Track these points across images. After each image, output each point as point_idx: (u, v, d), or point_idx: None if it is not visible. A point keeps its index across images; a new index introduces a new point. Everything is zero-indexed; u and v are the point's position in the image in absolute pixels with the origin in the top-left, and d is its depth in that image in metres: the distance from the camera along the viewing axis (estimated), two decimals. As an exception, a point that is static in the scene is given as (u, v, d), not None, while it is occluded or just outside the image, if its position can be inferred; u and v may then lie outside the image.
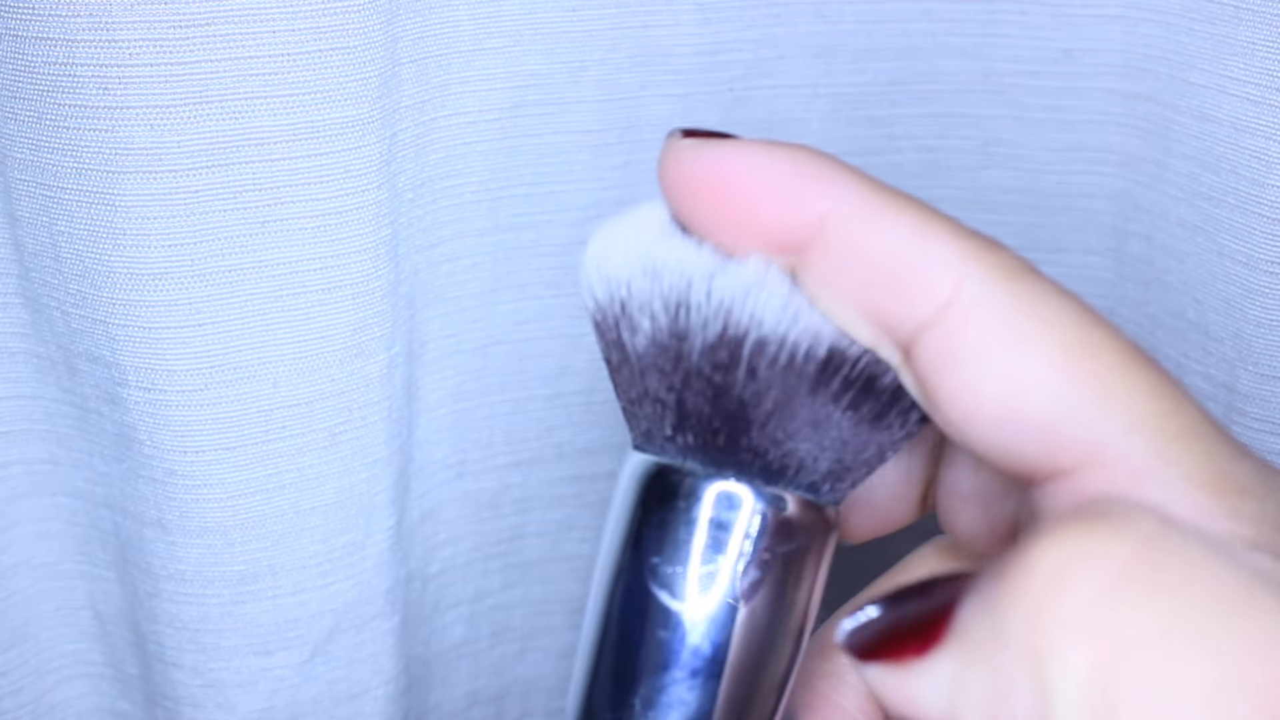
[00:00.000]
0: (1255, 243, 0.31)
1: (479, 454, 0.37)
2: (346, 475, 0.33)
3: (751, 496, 0.24)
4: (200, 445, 0.31)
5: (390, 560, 0.34)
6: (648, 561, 0.24)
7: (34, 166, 0.29)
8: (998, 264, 0.21)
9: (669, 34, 0.34)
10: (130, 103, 0.28)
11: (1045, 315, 0.21)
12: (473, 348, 0.36)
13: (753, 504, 0.24)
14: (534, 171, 0.34)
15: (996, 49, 0.36)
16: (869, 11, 0.36)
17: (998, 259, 0.21)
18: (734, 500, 0.24)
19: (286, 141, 0.29)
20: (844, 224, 0.22)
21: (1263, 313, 0.31)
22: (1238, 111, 0.31)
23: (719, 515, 0.24)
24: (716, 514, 0.24)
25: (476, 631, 0.38)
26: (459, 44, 0.32)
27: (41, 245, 0.30)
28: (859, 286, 0.22)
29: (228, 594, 0.32)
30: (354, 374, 0.32)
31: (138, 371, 0.30)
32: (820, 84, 0.36)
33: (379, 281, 0.32)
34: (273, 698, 0.34)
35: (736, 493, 0.24)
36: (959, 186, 0.37)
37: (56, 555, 0.34)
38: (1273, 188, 0.31)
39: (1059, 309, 0.21)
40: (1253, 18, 0.31)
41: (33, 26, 0.27)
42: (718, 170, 0.23)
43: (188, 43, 0.28)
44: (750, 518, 0.24)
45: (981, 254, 0.21)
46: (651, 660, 0.24)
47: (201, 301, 0.30)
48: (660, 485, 0.24)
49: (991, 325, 0.21)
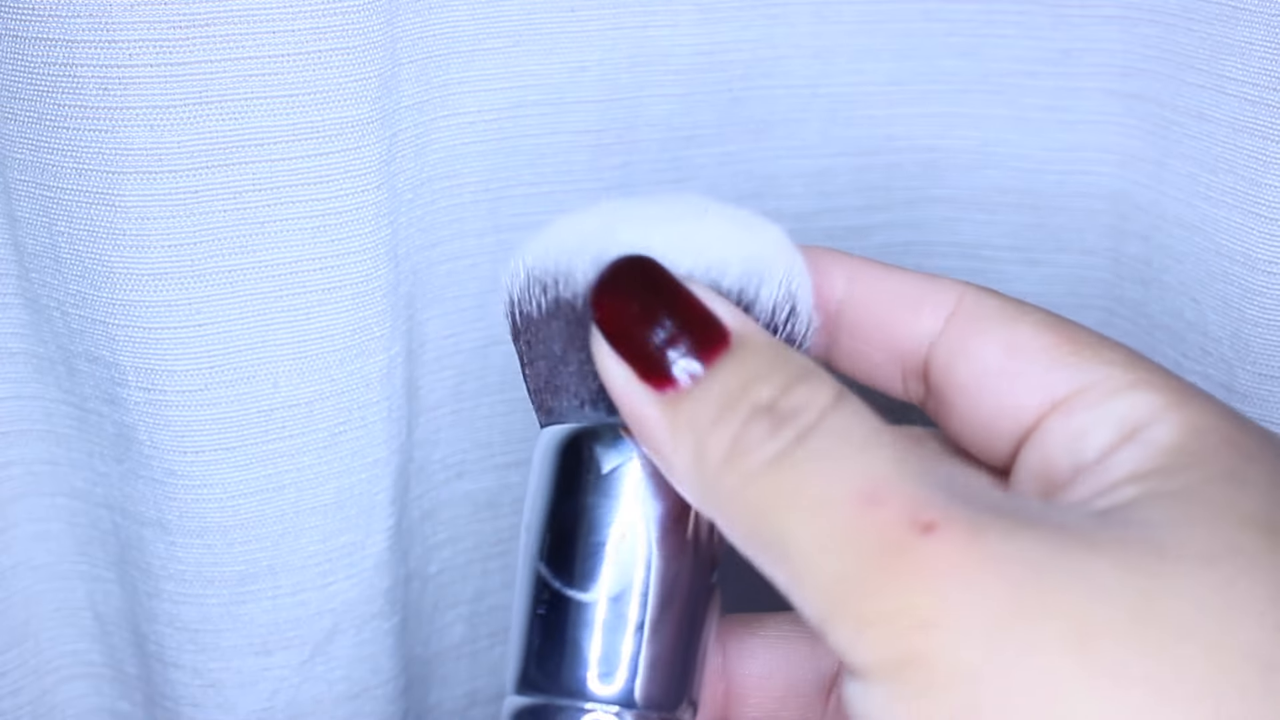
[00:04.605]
0: (1253, 242, 0.31)
1: (479, 454, 0.37)
2: (346, 475, 0.33)
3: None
4: (200, 445, 0.31)
5: (390, 560, 0.34)
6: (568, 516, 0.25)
7: (34, 167, 0.29)
8: (987, 288, 0.26)
9: (668, 34, 0.34)
10: (130, 103, 0.28)
11: (1029, 308, 0.26)
12: (473, 348, 0.36)
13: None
14: (533, 172, 0.34)
15: (995, 49, 0.36)
16: (868, 11, 0.36)
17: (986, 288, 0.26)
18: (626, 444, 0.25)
19: (286, 141, 0.29)
20: (860, 288, 0.27)
21: (1261, 312, 0.31)
22: (1235, 111, 0.31)
23: (623, 465, 0.25)
24: (620, 465, 0.25)
25: (476, 631, 0.39)
26: (459, 44, 0.32)
27: (41, 246, 0.30)
28: (879, 331, 0.27)
29: (227, 594, 0.32)
30: (354, 374, 0.32)
31: (137, 371, 0.30)
32: (819, 84, 0.36)
33: (378, 282, 0.32)
34: (273, 698, 0.34)
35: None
36: (958, 186, 0.38)
37: (56, 555, 0.34)
38: (1270, 187, 0.31)
39: (1038, 309, 0.26)
40: (1250, 18, 0.31)
41: (33, 27, 0.27)
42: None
43: (188, 43, 0.28)
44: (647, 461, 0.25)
45: (972, 283, 0.27)
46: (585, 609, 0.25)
47: (201, 301, 0.30)
48: (574, 446, 0.25)
49: (990, 314, 0.26)
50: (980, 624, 0.20)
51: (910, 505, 0.21)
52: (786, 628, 0.29)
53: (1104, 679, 0.20)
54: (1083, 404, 0.24)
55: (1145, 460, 0.23)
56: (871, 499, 0.21)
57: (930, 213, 0.38)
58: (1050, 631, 0.20)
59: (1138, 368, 0.25)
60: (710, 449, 0.23)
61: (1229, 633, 0.20)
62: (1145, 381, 0.24)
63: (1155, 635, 0.20)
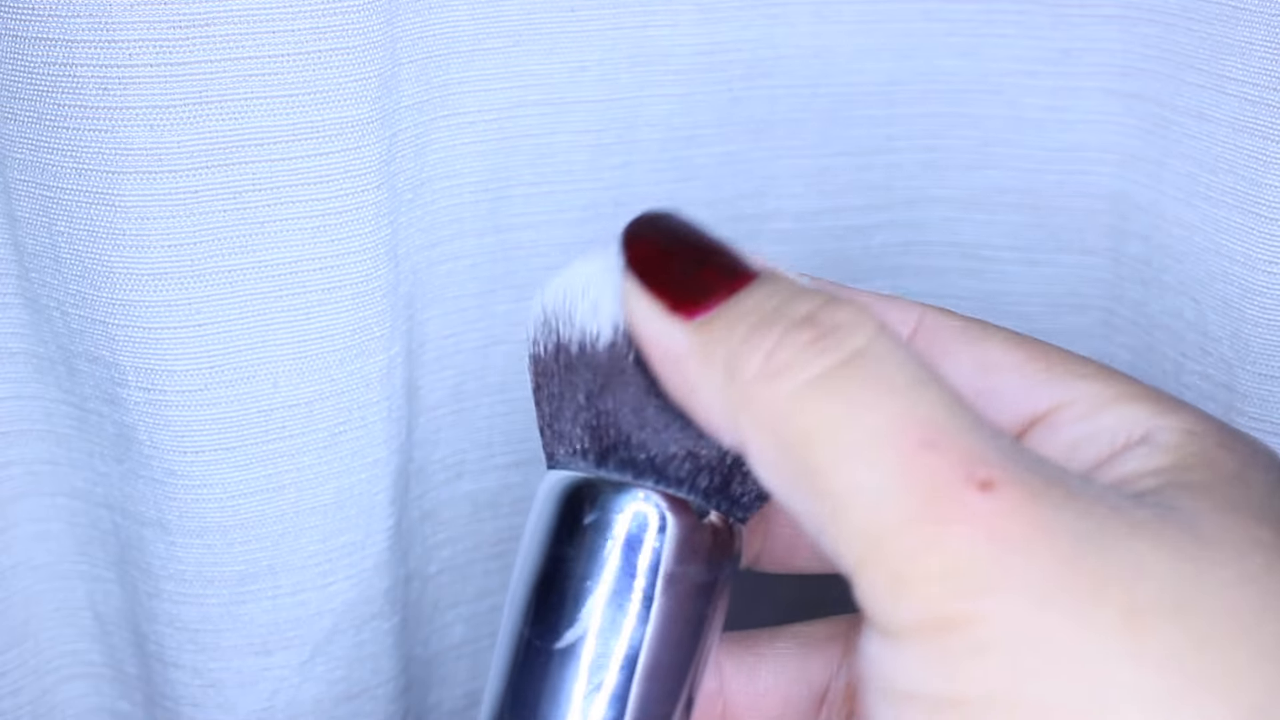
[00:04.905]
0: (1253, 242, 0.31)
1: (478, 454, 0.37)
2: (346, 475, 0.33)
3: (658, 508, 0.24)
4: (200, 445, 0.31)
5: (390, 560, 0.34)
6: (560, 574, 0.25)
7: (34, 167, 0.29)
8: (943, 308, 0.26)
9: (668, 34, 0.34)
10: (130, 103, 0.28)
11: (990, 326, 0.26)
12: (473, 348, 0.36)
13: (659, 515, 0.24)
14: (533, 171, 0.34)
15: (995, 49, 0.36)
16: (868, 11, 0.36)
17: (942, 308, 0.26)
18: (642, 513, 0.24)
19: (286, 141, 0.29)
20: None
21: (1261, 312, 0.31)
22: (1236, 111, 0.31)
23: (629, 529, 0.24)
24: (627, 527, 0.24)
25: (476, 631, 0.39)
26: (459, 44, 0.32)
27: (41, 246, 0.30)
28: None
29: (227, 594, 0.32)
30: (354, 374, 0.32)
31: (137, 372, 0.30)
32: (819, 84, 0.36)
33: (378, 282, 0.32)
34: (273, 698, 0.34)
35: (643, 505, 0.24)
36: (957, 186, 0.38)
37: (56, 555, 0.34)
38: (1270, 187, 0.31)
39: (997, 326, 0.26)
40: (1250, 18, 0.31)
41: (32, 26, 0.27)
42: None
43: (188, 43, 0.28)
44: (658, 530, 0.24)
45: (929, 305, 0.26)
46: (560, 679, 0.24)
47: (201, 301, 0.30)
48: (574, 497, 0.25)
49: (954, 335, 0.25)
50: (1031, 593, 0.19)
51: (968, 457, 0.20)
52: (781, 644, 0.28)
53: (1151, 658, 0.19)
54: (1069, 418, 0.24)
55: (1154, 460, 0.23)
56: (928, 443, 0.20)
57: (930, 213, 0.38)
58: (1099, 607, 0.20)
59: (1117, 381, 0.24)
60: (744, 363, 0.21)
61: (1267, 624, 0.20)
62: (1130, 394, 0.24)
63: (1199, 623, 0.20)
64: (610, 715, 0.24)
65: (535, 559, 0.25)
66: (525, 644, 0.25)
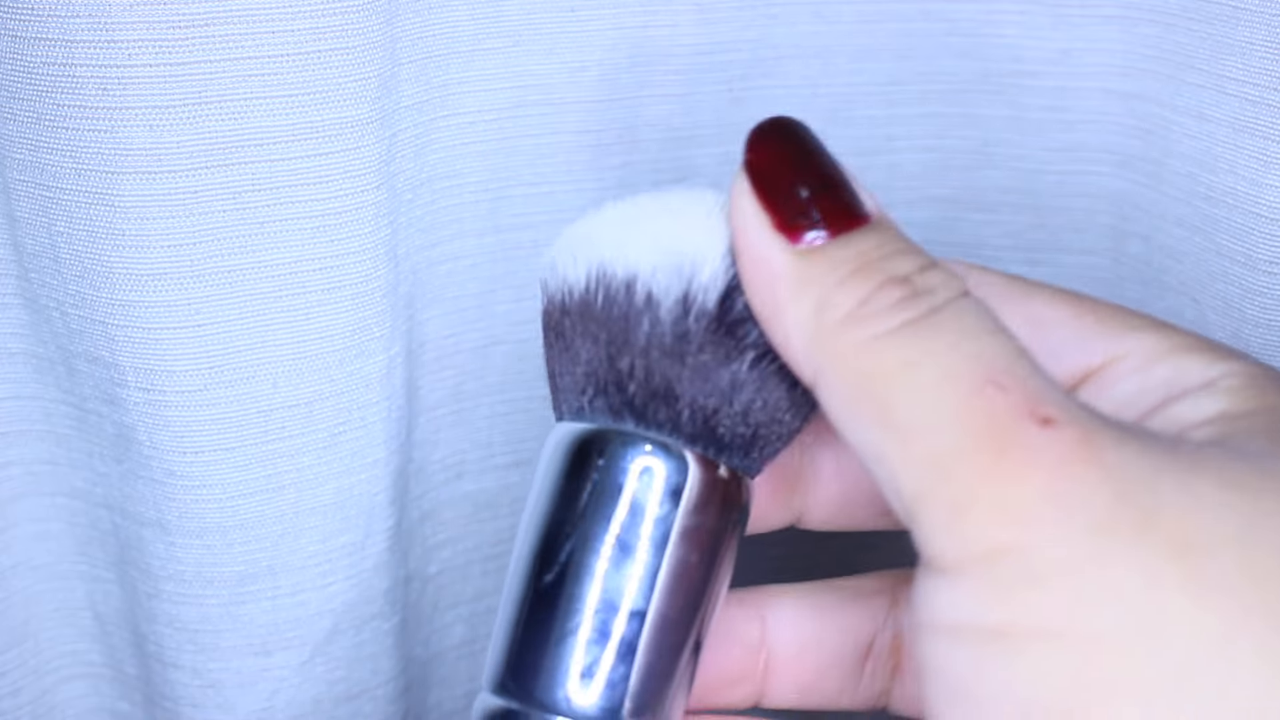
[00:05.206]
0: (1253, 243, 0.31)
1: (478, 454, 0.37)
2: (346, 476, 0.33)
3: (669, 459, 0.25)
4: (200, 445, 0.31)
5: (390, 561, 0.34)
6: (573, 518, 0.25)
7: (33, 167, 0.29)
8: (987, 267, 0.27)
9: (668, 34, 0.34)
10: (130, 103, 0.28)
11: (1033, 283, 0.26)
12: (473, 348, 0.36)
13: (671, 466, 0.25)
14: (533, 172, 0.34)
15: (995, 49, 0.36)
16: (867, 11, 0.36)
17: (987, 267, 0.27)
18: (654, 463, 0.25)
19: (286, 141, 0.29)
20: None
21: (1261, 313, 0.31)
22: (1236, 111, 0.31)
23: (641, 479, 0.25)
24: (639, 478, 0.25)
25: (476, 631, 0.39)
26: (459, 44, 0.32)
27: (40, 246, 0.30)
28: None
29: (227, 594, 0.32)
30: (353, 374, 0.32)
31: (137, 372, 0.30)
32: (819, 84, 0.36)
33: (378, 282, 0.32)
34: (272, 698, 0.34)
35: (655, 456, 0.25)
36: (957, 186, 0.37)
37: (56, 556, 0.34)
38: (1271, 188, 0.31)
39: (1040, 282, 0.26)
40: (1250, 18, 0.31)
41: (32, 27, 0.27)
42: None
43: (188, 43, 0.28)
44: (668, 481, 0.25)
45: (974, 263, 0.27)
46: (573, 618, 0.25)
47: (201, 302, 0.30)
48: (584, 447, 0.25)
49: (1000, 290, 0.26)
50: (1085, 524, 0.20)
51: (1032, 397, 0.21)
52: (827, 596, 0.28)
53: (1205, 589, 0.19)
54: (1124, 370, 0.24)
55: (1215, 405, 0.23)
56: (994, 382, 0.21)
57: (930, 213, 0.38)
58: (1154, 540, 0.20)
59: (1171, 333, 0.25)
60: (836, 304, 0.22)
61: None
62: (1185, 345, 0.24)
63: (1260, 556, 0.20)
64: (617, 662, 0.24)
65: (545, 508, 0.25)
66: (533, 591, 0.25)
